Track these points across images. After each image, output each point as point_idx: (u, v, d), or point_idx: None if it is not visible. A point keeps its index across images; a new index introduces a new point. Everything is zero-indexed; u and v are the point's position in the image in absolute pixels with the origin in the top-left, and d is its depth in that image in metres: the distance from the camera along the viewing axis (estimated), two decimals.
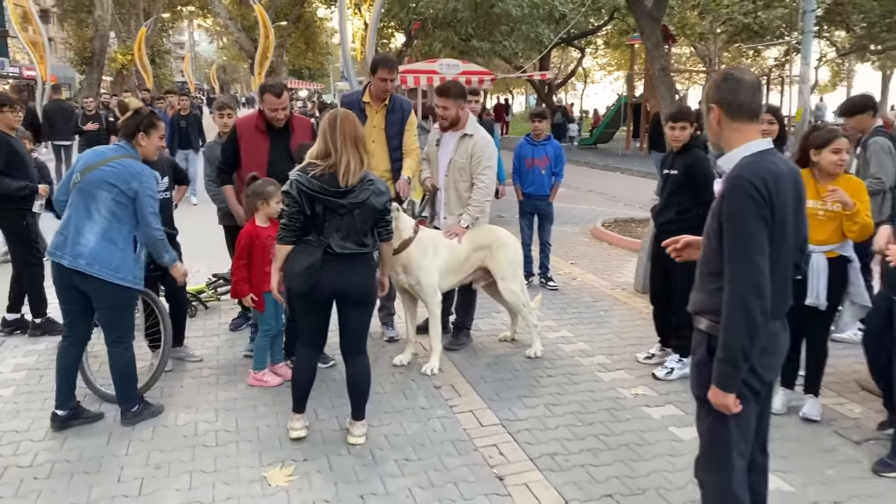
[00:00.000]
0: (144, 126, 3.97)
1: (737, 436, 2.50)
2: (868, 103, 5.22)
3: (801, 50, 13.18)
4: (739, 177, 2.38)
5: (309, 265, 3.52)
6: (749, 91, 2.43)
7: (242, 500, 3.32)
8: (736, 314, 2.34)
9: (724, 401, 2.40)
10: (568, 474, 3.57)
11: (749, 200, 2.33)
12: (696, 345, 2.60)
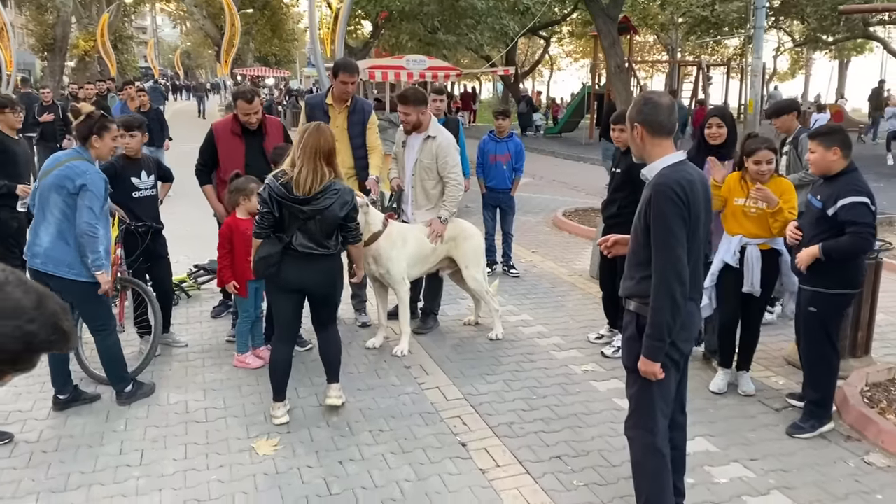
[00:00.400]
0: (97, 129, 4.24)
1: (660, 399, 2.99)
2: (792, 106, 5.75)
3: (752, 44, 13.78)
4: (662, 184, 2.85)
5: (266, 255, 3.97)
6: (666, 112, 2.90)
7: (234, 467, 3.74)
8: (662, 298, 2.82)
9: (652, 369, 2.88)
10: (522, 440, 4.05)
11: (671, 203, 2.81)
12: (626, 323, 3.08)
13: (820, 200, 3.92)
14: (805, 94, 47.20)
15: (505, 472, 3.73)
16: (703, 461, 3.86)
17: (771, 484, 3.65)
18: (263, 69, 40.55)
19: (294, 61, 58.74)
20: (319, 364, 4.53)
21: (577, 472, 3.75)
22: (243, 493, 3.51)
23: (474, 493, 3.53)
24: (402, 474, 3.68)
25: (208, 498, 3.47)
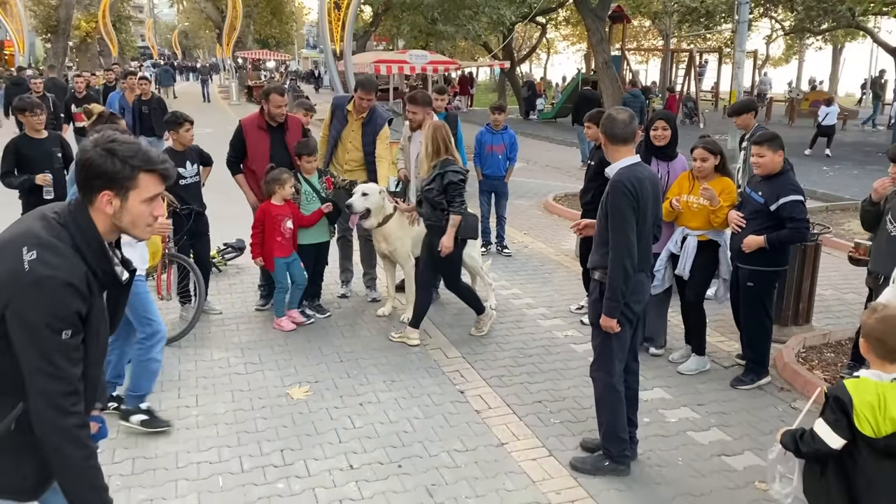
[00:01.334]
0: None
1: (617, 348, 3.83)
2: (750, 106, 6.53)
3: (736, 38, 14.49)
4: (618, 181, 3.67)
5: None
6: (621, 126, 3.71)
7: (274, 408, 4.57)
8: (618, 269, 3.65)
9: (610, 324, 3.71)
10: (510, 389, 4.89)
11: (624, 196, 3.63)
12: (592, 288, 3.91)
13: (762, 196, 4.69)
14: (798, 79, 47.82)
15: (495, 412, 4.57)
16: (657, 406, 4.71)
17: (711, 422, 4.50)
18: (264, 52, 41.00)
19: (293, 43, 59.15)
20: (339, 328, 5.34)
21: (554, 413, 4.59)
22: (283, 427, 4.35)
23: (471, 427, 4.37)
24: (411, 413, 4.52)
25: (255, 430, 4.30)
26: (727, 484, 3.84)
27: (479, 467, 3.94)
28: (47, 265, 1.93)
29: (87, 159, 2.04)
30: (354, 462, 3.97)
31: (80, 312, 1.98)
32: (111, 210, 2.06)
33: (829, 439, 2.61)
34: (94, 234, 2.05)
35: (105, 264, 2.07)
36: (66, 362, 1.97)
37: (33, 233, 1.99)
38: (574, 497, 3.69)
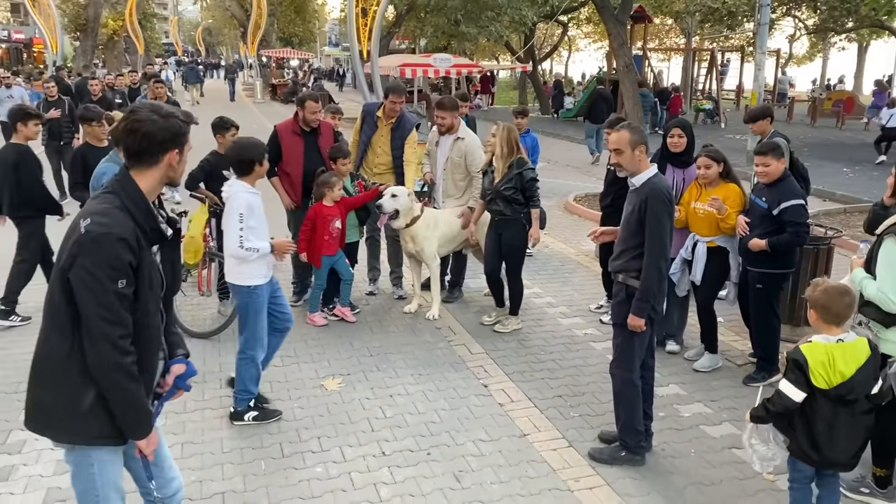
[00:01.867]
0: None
1: (638, 347, 4.08)
2: (766, 112, 6.70)
3: (757, 40, 14.59)
4: (657, 190, 3.90)
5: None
6: (645, 139, 3.97)
7: (310, 398, 4.88)
8: (653, 272, 3.89)
9: (639, 323, 3.95)
10: (532, 384, 5.16)
11: (664, 204, 3.88)
12: (617, 290, 4.14)
13: (765, 202, 4.92)
14: (822, 78, 47.43)
15: (517, 405, 4.84)
16: (672, 401, 4.95)
17: (723, 417, 4.74)
18: (288, 50, 41.46)
19: (315, 41, 59.62)
20: (368, 324, 5.63)
21: (573, 406, 4.85)
22: (319, 416, 4.65)
23: (494, 419, 4.65)
24: (438, 405, 4.81)
25: (293, 418, 4.61)
26: (737, 475, 4.07)
27: (503, 456, 4.22)
28: (101, 225, 2.30)
29: (152, 128, 2.40)
30: (386, 449, 4.26)
31: (132, 264, 2.34)
32: (175, 163, 2.49)
33: (793, 394, 3.15)
34: (139, 195, 2.43)
35: (151, 221, 2.44)
36: (121, 309, 2.34)
37: (87, 208, 2.40)
38: (592, 484, 3.95)
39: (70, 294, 2.32)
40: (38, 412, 2.45)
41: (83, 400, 2.38)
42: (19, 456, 4.16)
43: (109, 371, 2.34)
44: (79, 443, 2.44)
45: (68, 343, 2.36)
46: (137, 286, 2.39)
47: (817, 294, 3.25)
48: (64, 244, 2.40)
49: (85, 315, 2.31)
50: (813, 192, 12.64)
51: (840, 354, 3.13)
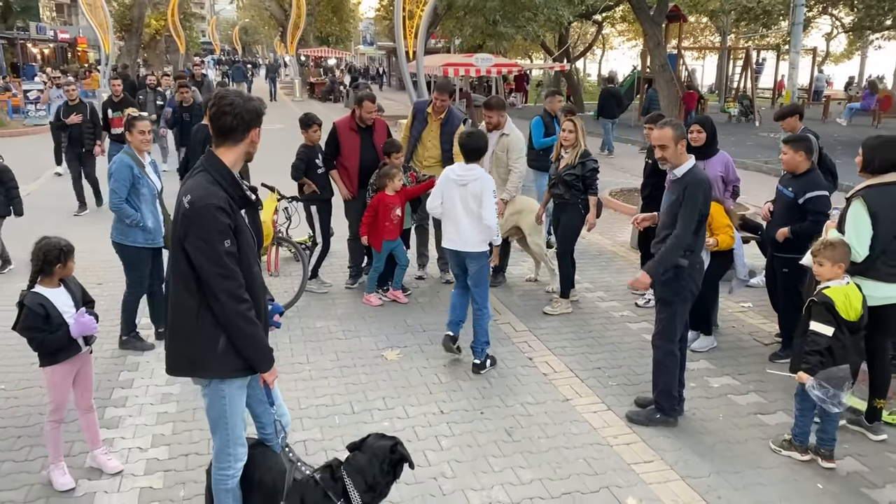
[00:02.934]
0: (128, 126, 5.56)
1: (679, 322, 4.54)
2: (795, 110, 7.06)
3: (791, 40, 14.83)
4: (699, 178, 4.36)
5: None
6: (685, 134, 4.42)
7: (372, 366, 5.42)
8: (678, 245, 4.32)
9: (646, 281, 4.43)
10: (573, 357, 5.64)
11: (704, 192, 4.34)
12: (664, 270, 4.56)
13: (791, 192, 5.34)
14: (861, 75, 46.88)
15: (560, 375, 5.33)
16: (703, 374, 5.40)
17: (750, 388, 5.18)
18: (325, 49, 42.24)
19: (350, 39, 60.42)
20: (419, 304, 6.15)
21: (612, 377, 5.32)
22: (382, 380, 5.19)
23: (539, 386, 5.14)
24: (488, 374, 5.32)
25: (359, 382, 5.15)
26: (760, 435, 4.52)
27: (549, 416, 4.71)
28: (200, 198, 2.82)
29: (242, 110, 2.92)
30: (444, 409, 4.78)
31: (231, 226, 2.86)
32: (256, 139, 3.04)
33: (824, 330, 3.98)
34: (225, 169, 2.95)
35: (237, 190, 2.96)
36: (233, 265, 2.86)
37: (185, 186, 2.94)
38: (630, 440, 4.43)
39: (190, 260, 2.86)
40: (180, 359, 2.99)
41: (217, 344, 2.92)
42: (124, 409, 4.76)
43: (233, 318, 2.87)
44: (216, 377, 2.98)
45: (196, 300, 2.90)
46: (239, 244, 2.91)
47: (837, 252, 4.10)
48: (174, 219, 2.94)
49: (204, 275, 2.84)
50: (843, 187, 12.97)
51: (851, 293, 4.06)
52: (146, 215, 5.49)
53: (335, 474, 3.06)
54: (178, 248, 2.86)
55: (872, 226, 4.28)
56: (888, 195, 4.31)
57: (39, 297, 3.73)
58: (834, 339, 3.99)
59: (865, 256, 4.29)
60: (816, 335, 4.01)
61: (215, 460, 3.11)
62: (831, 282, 4.12)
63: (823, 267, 4.16)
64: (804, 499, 3.89)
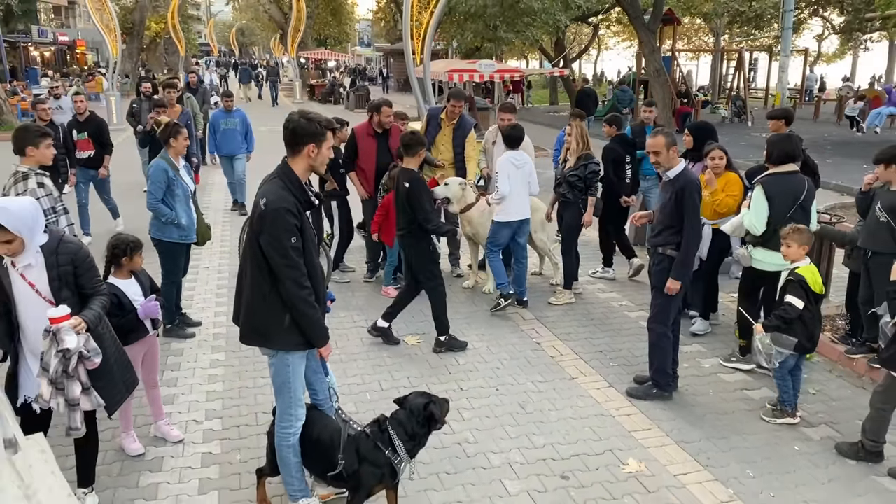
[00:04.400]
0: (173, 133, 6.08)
1: (674, 307, 5.10)
2: (783, 114, 7.61)
3: (781, 44, 15.41)
4: (690, 181, 4.91)
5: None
6: (676, 141, 4.98)
7: (396, 351, 5.97)
8: (692, 245, 4.91)
9: (677, 286, 4.96)
10: (577, 342, 6.20)
11: (697, 191, 4.89)
12: (659, 261, 5.09)
13: None
14: (853, 75, 47.53)
15: (566, 358, 5.89)
16: (695, 356, 5.96)
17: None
18: (325, 52, 42.75)
19: (348, 41, 60.95)
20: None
21: (613, 359, 5.88)
22: (406, 363, 5.74)
23: (548, 367, 5.70)
24: (501, 356, 5.87)
25: (385, 364, 5.71)
26: (745, 407, 5.08)
27: (557, 392, 5.27)
28: (273, 202, 3.36)
29: (296, 126, 3.45)
30: (463, 386, 5.34)
31: (298, 226, 3.40)
32: (313, 155, 3.48)
33: (798, 304, 4.64)
34: (295, 178, 3.48)
35: (304, 195, 3.49)
36: (298, 258, 3.41)
37: (263, 189, 3.47)
38: (630, 412, 4.99)
39: (263, 251, 3.40)
40: (254, 332, 3.54)
41: (283, 320, 3.47)
42: (176, 388, 5.30)
43: (296, 301, 3.42)
44: (281, 349, 3.52)
45: (269, 284, 3.45)
46: (303, 240, 3.46)
47: (802, 235, 4.78)
48: (251, 216, 3.50)
49: (274, 265, 3.38)
50: (832, 186, 13.57)
51: (814, 270, 4.78)
52: (180, 214, 6.00)
53: (382, 427, 3.61)
54: (254, 240, 3.41)
55: (769, 207, 5.25)
56: (783, 183, 5.28)
57: (112, 287, 4.26)
58: (805, 311, 4.66)
59: (763, 231, 5.29)
60: (791, 306, 4.65)
61: (279, 420, 3.65)
62: (799, 262, 4.78)
63: (791, 248, 4.77)
64: (782, 458, 4.45)
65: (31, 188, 5.23)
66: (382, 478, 3.61)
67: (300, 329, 3.50)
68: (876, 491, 4.14)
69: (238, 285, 3.65)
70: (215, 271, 8.15)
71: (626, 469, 4.32)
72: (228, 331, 6.35)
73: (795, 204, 5.28)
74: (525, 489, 4.11)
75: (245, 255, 3.54)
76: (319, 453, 3.64)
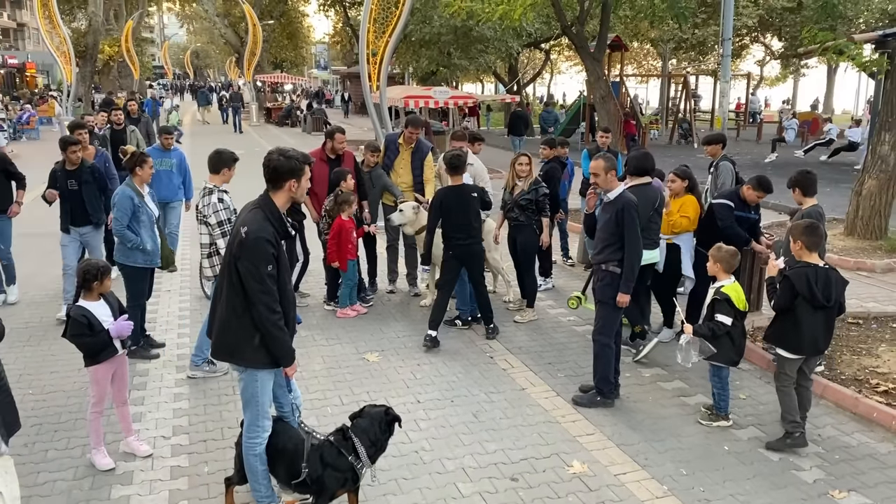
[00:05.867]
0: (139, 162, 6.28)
1: (617, 319, 5.49)
2: (718, 139, 8.18)
3: (720, 70, 16.19)
4: (628, 202, 5.32)
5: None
6: (615, 165, 5.40)
7: (355, 368, 6.25)
8: (635, 258, 5.31)
9: (627, 298, 5.35)
10: (527, 355, 6.56)
11: (634, 211, 5.30)
12: (602, 276, 5.48)
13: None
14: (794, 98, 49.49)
15: (517, 370, 6.24)
16: (636, 367, 6.37)
17: (675, 377, 6.16)
18: (282, 75, 42.93)
19: (305, 64, 61.21)
20: (392, 314, 7.01)
21: (560, 370, 6.26)
22: (365, 378, 6.03)
23: (500, 379, 6.04)
24: (455, 370, 6.20)
25: (345, 380, 5.99)
26: (681, 412, 5.50)
27: (509, 402, 5.61)
28: (253, 231, 3.65)
29: (277, 164, 3.76)
30: (420, 398, 5.65)
31: (274, 255, 3.70)
32: (294, 189, 3.81)
33: (727, 321, 5.07)
34: (275, 209, 3.79)
35: (282, 226, 3.81)
36: (272, 284, 3.70)
37: (243, 218, 3.77)
38: (575, 419, 5.36)
39: (240, 275, 3.68)
40: (225, 348, 3.81)
41: (254, 339, 3.74)
42: (143, 406, 5.50)
43: (266, 324, 3.69)
44: (251, 366, 3.80)
45: (242, 306, 3.73)
46: (279, 268, 3.75)
47: (722, 255, 5.21)
48: (231, 243, 3.78)
49: (249, 289, 3.66)
50: (770, 205, 14.26)
51: (738, 288, 5.20)
52: (145, 239, 6.20)
53: (345, 435, 3.90)
54: (233, 265, 3.69)
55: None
56: (641, 192, 5.99)
57: (83, 309, 4.49)
58: (733, 326, 5.11)
59: None
60: (721, 324, 5.09)
61: (246, 431, 3.92)
62: (724, 281, 5.23)
63: (716, 268, 5.26)
64: (713, 457, 4.86)
65: None
66: (345, 482, 3.90)
67: (269, 348, 3.78)
68: (795, 484, 4.56)
69: (213, 303, 3.92)
70: (177, 294, 8.33)
71: (570, 470, 4.67)
72: (192, 351, 6.57)
73: (653, 209, 6.22)
74: (477, 491, 4.44)
75: (222, 276, 3.82)
76: (285, 462, 3.91)
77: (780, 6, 23.12)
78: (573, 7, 12.95)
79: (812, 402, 5.25)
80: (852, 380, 5.90)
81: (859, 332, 7.00)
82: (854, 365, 6.20)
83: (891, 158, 10.08)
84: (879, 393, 5.63)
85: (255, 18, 33.70)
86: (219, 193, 5.76)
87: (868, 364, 6.20)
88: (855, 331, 7.04)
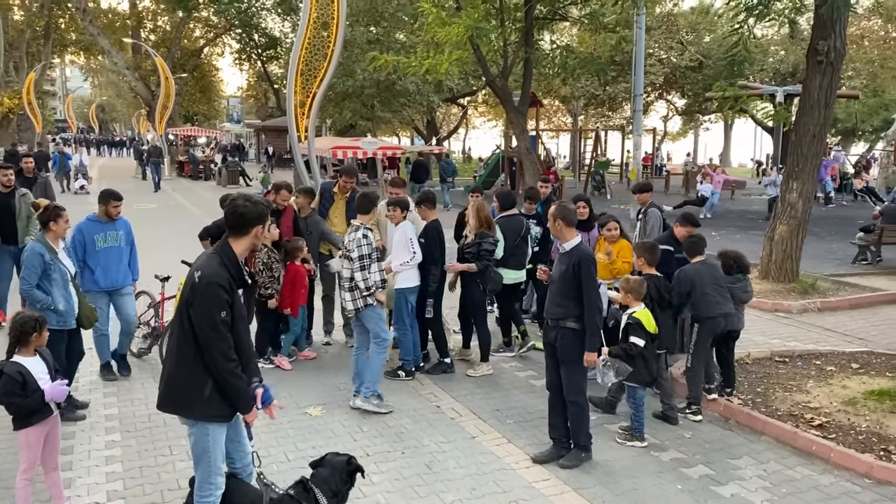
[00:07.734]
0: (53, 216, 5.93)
1: (584, 374, 5.40)
2: (647, 187, 8.51)
3: (633, 125, 16.95)
4: (586, 254, 5.33)
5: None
6: (572, 213, 5.46)
7: (298, 422, 6.01)
8: (596, 314, 5.28)
9: (594, 357, 5.25)
10: (475, 403, 6.49)
11: (593, 265, 5.33)
12: (565, 334, 5.34)
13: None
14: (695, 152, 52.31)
15: (465, 418, 6.16)
16: None
17: (621, 418, 6.21)
18: (195, 129, 42.17)
19: (217, 118, 60.42)
20: (330, 367, 6.83)
21: (509, 417, 6.21)
22: (309, 433, 5.80)
23: (449, 427, 5.94)
24: (403, 421, 6.06)
25: (288, 435, 5.75)
26: (633, 454, 5.54)
27: (460, 451, 5.51)
28: (207, 276, 3.54)
29: (244, 211, 3.67)
30: (369, 451, 5.47)
31: (229, 301, 3.58)
32: (260, 235, 3.76)
33: (640, 342, 5.54)
34: (233, 256, 3.69)
35: (239, 273, 3.70)
36: (225, 330, 3.56)
37: (199, 263, 3.67)
38: (529, 465, 5.30)
39: (191, 321, 3.52)
40: (172, 401, 3.60)
41: (205, 389, 3.56)
42: (72, 472, 5.09)
43: (222, 372, 3.53)
44: (201, 420, 3.59)
45: (192, 354, 3.55)
46: (233, 315, 3.61)
47: (632, 285, 5.72)
48: (185, 287, 3.62)
49: (201, 336, 3.51)
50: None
51: (648, 314, 5.68)
52: (57, 299, 5.78)
53: (306, 487, 3.72)
54: (185, 310, 3.51)
55: (504, 239, 7.34)
56: (511, 223, 7.45)
57: (18, 365, 4.16)
58: (645, 348, 5.57)
59: (502, 255, 7.27)
60: (634, 345, 5.56)
61: (198, 489, 3.68)
62: (635, 308, 5.69)
63: (628, 297, 5.77)
64: (667, 497, 4.89)
65: None
66: None
67: (222, 399, 3.59)
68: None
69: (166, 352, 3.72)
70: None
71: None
72: (121, 411, 6.19)
73: (518, 236, 7.51)
74: None
75: (172, 324, 3.63)
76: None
77: (683, 65, 24.60)
78: (497, 62, 13.38)
79: (755, 437, 5.39)
80: (788, 415, 6.11)
81: (787, 370, 7.28)
82: (787, 401, 6.42)
83: (798, 205, 10.70)
84: (815, 427, 5.84)
85: (168, 72, 33.15)
86: (364, 230, 6.30)
87: (800, 399, 6.43)
88: (783, 368, 7.32)
